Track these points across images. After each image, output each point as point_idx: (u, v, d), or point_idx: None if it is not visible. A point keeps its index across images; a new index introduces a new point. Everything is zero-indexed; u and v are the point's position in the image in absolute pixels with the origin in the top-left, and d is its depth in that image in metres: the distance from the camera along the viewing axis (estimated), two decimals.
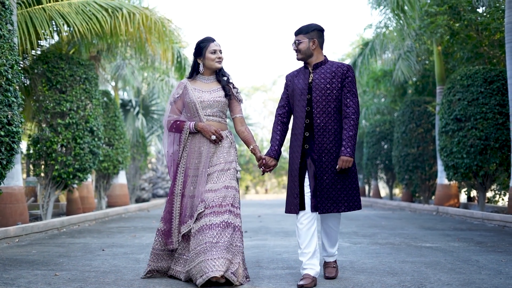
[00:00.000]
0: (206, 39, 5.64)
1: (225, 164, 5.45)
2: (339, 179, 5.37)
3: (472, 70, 13.28)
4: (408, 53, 17.40)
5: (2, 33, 7.33)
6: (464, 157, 12.97)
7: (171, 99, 5.66)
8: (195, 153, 5.48)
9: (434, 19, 14.31)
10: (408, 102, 18.53)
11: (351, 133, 5.32)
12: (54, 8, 11.00)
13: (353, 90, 5.45)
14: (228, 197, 5.30)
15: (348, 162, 5.27)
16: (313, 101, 5.44)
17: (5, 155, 7.42)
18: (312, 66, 5.56)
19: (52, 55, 11.61)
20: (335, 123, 5.40)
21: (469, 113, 12.96)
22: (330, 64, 5.55)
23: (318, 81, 5.47)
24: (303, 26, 5.61)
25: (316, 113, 5.41)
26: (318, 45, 5.55)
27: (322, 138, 5.40)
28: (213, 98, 5.53)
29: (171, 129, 5.59)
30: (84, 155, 11.63)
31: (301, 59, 5.61)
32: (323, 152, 5.37)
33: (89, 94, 11.92)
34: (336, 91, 5.41)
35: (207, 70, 5.62)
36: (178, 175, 5.49)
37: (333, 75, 5.45)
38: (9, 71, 7.39)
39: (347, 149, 5.27)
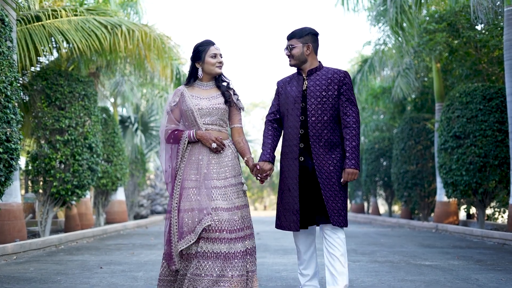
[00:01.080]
0: (205, 42, 5.27)
1: (232, 178, 5.07)
2: (341, 190, 5.08)
3: (471, 87, 13.29)
4: (407, 70, 17.42)
5: (2, 50, 7.34)
6: (464, 174, 12.95)
7: (167, 108, 5.26)
8: (193, 163, 5.09)
9: (433, 36, 14.35)
10: (407, 119, 18.54)
11: (354, 144, 5.04)
12: (53, 25, 11.02)
13: (352, 98, 5.15)
14: (245, 218, 5.03)
15: (354, 174, 5.02)
16: (308, 110, 5.13)
17: (4, 172, 7.40)
18: (307, 73, 5.26)
19: (51, 71, 11.61)
20: (330, 133, 5.11)
21: (468, 130, 12.96)
22: (326, 70, 5.24)
23: (313, 88, 5.17)
24: (296, 29, 5.32)
25: (311, 122, 5.11)
26: (313, 50, 5.27)
27: (318, 149, 5.09)
28: (212, 105, 5.16)
29: (169, 140, 5.19)
30: (82, 171, 11.61)
31: (295, 65, 5.30)
32: (321, 163, 5.08)
33: (88, 110, 11.92)
34: (332, 99, 5.11)
35: (206, 76, 5.26)
36: (175, 189, 5.06)
37: (329, 82, 5.15)
38: (8, 88, 7.39)
39: (351, 161, 5.00)
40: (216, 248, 4.83)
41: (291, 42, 5.27)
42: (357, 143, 5.06)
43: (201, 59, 5.19)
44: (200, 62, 5.21)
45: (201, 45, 5.22)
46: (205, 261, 4.82)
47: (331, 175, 5.06)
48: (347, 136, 5.06)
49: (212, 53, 5.18)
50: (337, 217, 5.04)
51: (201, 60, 5.20)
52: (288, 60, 5.35)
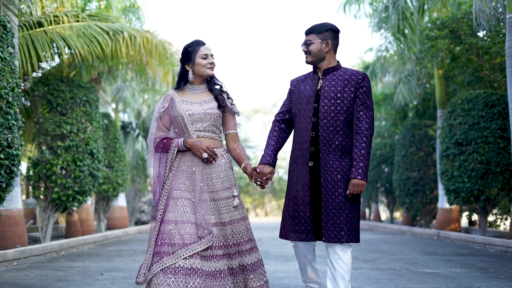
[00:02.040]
0: (195, 42, 4.91)
1: (226, 191, 4.73)
2: (347, 203, 4.70)
3: (473, 94, 13.28)
4: (409, 76, 17.42)
5: (3, 56, 7.33)
6: (465, 181, 12.93)
7: (156, 115, 4.89)
8: (183, 172, 4.74)
9: (435, 43, 14.34)
10: (409, 126, 18.52)
11: (364, 152, 4.66)
12: (55, 31, 11.03)
13: (368, 103, 4.78)
14: (244, 231, 4.71)
15: (360, 186, 4.64)
16: (320, 111, 4.78)
17: (5, 178, 7.38)
18: (322, 72, 4.91)
19: (52, 77, 11.62)
20: (343, 138, 4.74)
21: (470, 137, 12.94)
22: (343, 71, 4.89)
23: (327, 89, 4.82)
24: (315, 24, 4.95)
25: (323, 125, 4.75)
26: (332, 48, 4.90)
27: (327, 154, 4.73)
28: (204, 110, 4.79)
29: (157, 149, 4.84)
30: (83, 177, 11.60)
31: (311, 62, 4.94)
32: (328, 170, 4.71)
33: (89, 116, 11.92)
34: (347, 101, 4.75)
35: (197, 78, 4.89)
36: (161, 199, 4.72)
37: (345, 83, 4.79)
38: (10, 94, 7.38)
39: (358, 171, 4.63)
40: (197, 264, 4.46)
41: (309, 37, 4.93)
42: (366, 152, 4.70)
43: (191, 60, 4.86)
44: (190, 63, 4.87)
45: (191, 46, 4.90)
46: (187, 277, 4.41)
47: (338, 184, 4.71)
48: (356, 143, 4.71)
49: (203, 54, 4.84)
50: (335, 232, 4.66)
51: (191, 62, 4.86)
52: (305, 57, 4.99)
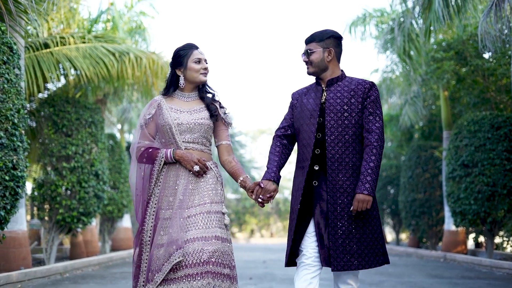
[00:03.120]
0: (187, 45, 4.55)
1: (211, 205, 4.28)
2: (358, 226, 4.30)
3: (479, 115, 13.25)
4: (415, 98, 17.42)
5: (10, 78, 7.34)
6: (472, 203, 12.85)
7: (141, 121, 4.50)
8: (169, 188, 4.35)
9: (441, 64, 14.34)
10: (415, 147, 18.48)
11: (372, 165, 4.27)
12: (61, 52, 11.07)
13: (377, 112, 4.40)
14: (225, 253, 4.16)
15: (366, 202, 4.22)
16: (326, 126, 4.39)
17: (10, 199, 7.36)
18: (326, 83, 4.53)
19: (58, 98, 11.63)
20: (353, 154, 4.37)
21: (476, 159, 12.88)
22: (349, 81, 4.52)
23: (333, 101, 4.44)
24: (316, 32, 4.58)
25: (330, 141, 4.37)
26: (335, 56, 4.53)
27: (336, 174, 4.33)
28: (195, 120, 4.43)
29: (141, 159, 4.44)
30: (88, 199, 11.58)
31: (313, 73, 4.56)
32: (337, 192, 4.31)
33: (94, 137, 11.91)
34: (355, 114, 4.39)
35: (189, 85, 4.52)
36: (147, 218, 4.33)
37: (352, 94, 4.43)
38: (16, 116, 7.37)
39: (365, 185, 4.24)
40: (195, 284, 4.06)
41: (310, 46, 4.56)
42: (375, 165, 4.30)
43: (182, 64, 4.48)
44: (181, 68, 4.49)
45: (183, 49, 4.53)
46: None
47: (348, 207, 4.30)
48: (365, 155, 4.33)
49: (196, 58, 4.48)
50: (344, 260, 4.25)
51: (182, 66, 4.49)
52: (306, 68, 4.62)
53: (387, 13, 18.13)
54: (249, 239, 38.87)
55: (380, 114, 4.44)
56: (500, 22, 9.73)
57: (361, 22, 17.96)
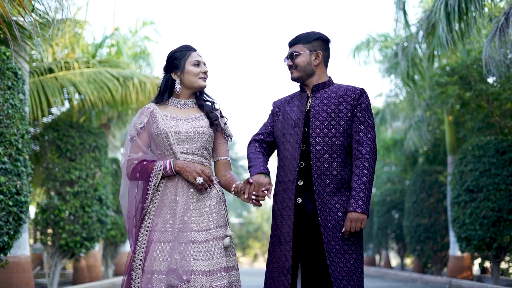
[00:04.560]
0: (184, 47, 4.10)
1: (217, 230, 3.85)
2: (351, 247, 3.92)
3: (484, 140, 13.21)
4: (419, 123, 17.41)
5: (14, 103, 7.34)
6: (477, 228, 12.77)
7: (132, 132, 3.99)
8: (167, 206, 3.86)
9: (445, 89, 14.34)
10: (419, 172, 18.42)
11: (365, 179, 3.88)
12: (66, 77, 11.09)
13: (369, 122, 4.02)
14: (231, 284, 3.82)
15: (359, 221, 3.85)
16: (311, 136, 4.00)
17: (13, 225, 7.32)
18: (311, 89, 4.14)
19: (62, 123, 11.63)
20: (341, 167, 3.97)
21: (482, 184, 12.82)
22: (337, 87, 4.13)
23: (318, 108, 4.04)
24: (302, 33, 4.17)
25: (315, 152, 3.96)
26: (323, 60, 4.15)
27: (323, 188, 3.93)
28: (194, 128, 3.96)
29: (134, 175, 3.91)
30: (92, 223, 11.53)
31: (298, 78, 4.15)
32: (326, 208, 3.92)
33: (98, 162, 11.89)
34: (344, 122, 4.00)
35: (186, 91, 4.07)
36: (140, 240, 3.83)
37: (340, 101, 4.03)
38: (20, 141, 7.36)
39: (358, 202, 3.84)
40: None
41: (295, 48, 4.15)
42: (368, 179, 3.90)
43: (179, 68, 4.02)
44: (178, 71, 4.03)
45: (179, 51, 4.07)
46: None
47: (340, 223, 3.92)
48: (356, 169, 3.93)
49: (194, 60, 4.03)
50: (344, 282, 3.86)
51: (179, 69, 4.02)
52: (290, 72, 4.19)
53: (391, 37, 18.19)
54: (252, 263, 38.71)
55: (372, 124, 4.06)
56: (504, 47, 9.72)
57: (365, 47, 18.03)
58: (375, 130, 4.21)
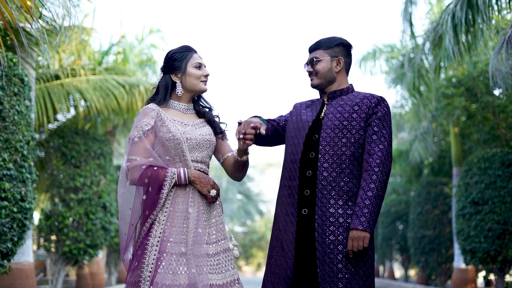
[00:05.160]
0: (185, 48, 3.86)
1: (225, 241, 3.75)
2: (346, 267, 3.66)
3: (490, 153, 13.17)
4: (425, 134, 17.38)
5: (20, 110, 7.34)
6: (482, 241, 12.71)
7: (137, 133, 3.68)
8: (178, 217, 3.63)
9: (451, 100, 14.31)
10: (424, 183, 18.37)
11: (370, 194, 3.62)
12: (72, 84, 11.12)
13: (383, 132, 3.77)
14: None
15: (361, 239, 3.60)
16: (321, 144, 3.78)
17: (17, 231, 7.31)
18: (328, 95, 3.96)
19: (68, 129, 11.65)
20: (350, 179, 3.75)
21: (487, 197, 12.77)
22: (354, 95, 3.92)
23: (331, 116, 3.83)
24: (322, 39, 3.98)
25: (323, 161, 3.75)
26: (344, 67, 3.97)
27: (327, 200, 3.70)
28: (202, 136, 3.77)
29: (142, 180, 3.61)
30: (96, 231, 11.52)
31: (318, 85, 3.97)
32: (327, 221, 3.69)
33: (103, 169, 11.90)
34: (356, 131, 3.78)
35: (186, 94, 3.84)
36: (149, 250, 3.54)
37: (355, 109, 3.82)
38: (25, 147, 7.36)
39: (360, 219, 3.60)
40: None
41: (316, 53, 3.95)
42: (374, 194, 3.63)
43: (180, 69, 3.78)
44: (179, 73, 3.79)
45: (180, 52, 3.83)
46: None
47: (338, 240, 3.69)
48: (363, 182, 3.69)
49: (196, 63, 3.81)
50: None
51: (180, 71, 3.78)
52: (310, 79, 4.00)
53: (397, 48, 18.19)
54: (255, 272, 38.63)
55: (386, 134, 3.79)
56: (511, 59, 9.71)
57: (371, 57, 18.02)
58: (390, 142, 3.83)
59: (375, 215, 3.63)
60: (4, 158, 6.95)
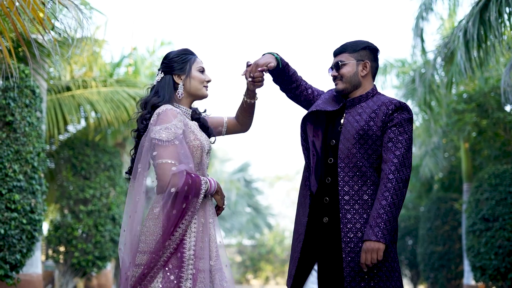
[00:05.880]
0: (188, 51, 3.66)
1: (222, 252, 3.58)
2: (377, 282, 3.51)
3: (500, 169, 13.11)
4: (436, 149, 17.32)
5: (31, 121, 7.36)
6: (492, 258, 12.63)
7: (171, 135, 3.36)
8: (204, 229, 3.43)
9: (462, 116, 14.27)
10: (434, 199, 18.30)
11: (385, 203, 3.45)
12: (83, 95, 11.15)
13: (399, 138, 3.59)
14: None
15: (375, 251, 3.43)
16: (340, 150, 3.64)
17: (26, 243, 7.31)
18: (347, 103, 3.79)
19: (78, 141, 11.68)
20: (373, 191, 3.59)
21: (497, 213, 12.70)
22: (374, 101, 3.73)
23: (351, 120, 3.69)
24: (348, 42, 3.85)
25: (343, 167, 3.61)
26: (370, 71, 3.80)
27: (352, 212, 3.55)
28: (209, 142, 3.62)
29: (183, 189, 3.29)
30: (104, 242, 11.52)
31: (343, 90, 3.79)
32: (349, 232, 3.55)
33: (113, 181, 11.91)
34: (372, 141, 3.62)
35: (187, 98, 3.62)
36: (185, 267, 3.30)
37: (371, 117, 3.64)
38: (35, 159, 7.38)
39: (373, 229, 3.43)
40: None
41: (341, 57, 3.80)
42: (389, 203, 3.46)
43: (184, 71, 3.57)
44: (182, 75, 3.58)
45: (184, 53, 3.63)
46: None
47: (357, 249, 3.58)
48: (378, 192, 3.53)
49: (200, 67, 3.63)
50: None
51: (184, 73, 3.57)
52: (335, 84, 3.86)
53: (408, 63, 18.16)
54: (264, 286, 38.48)
55: (403, 140, 3.61)
56: None
57: (382, 72, 17.99)
58: (408, 149, 3.64)
59: (390, 225, 3.46)
60: (14, 170, 6.97)
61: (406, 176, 3.55)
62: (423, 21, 12.44)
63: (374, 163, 3.62)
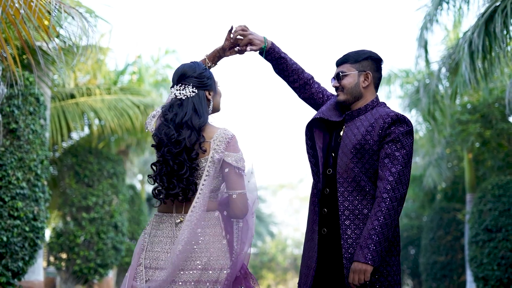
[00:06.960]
0: (203, 66, 3.60)
1: None
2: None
3: (504, 180, 13.08)
4: (439, 160, 17.31)
5: (35, 129, 7.36)
6: (495, 269, 12.60)
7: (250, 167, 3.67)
8: None
9: (466, 126, 14.25)
10: (437, 209, 18.28)
11: (376, 223, 3.37)
12: (87, 103, 11.16)
13: (395, 155, 3.47)
14: None
15: (362, 272, 3.38)
16: (338, 164, 3.58)
17: (28, 250, 7.30)
18: (345, 117, 3.70)
19: (81, 148, 11.69)
20: (372, 204, 3.52)
21: (500, 224, 12.67)
22: (373, 113, 3.64)
23: (349, 135, 3.60)
24: (351, 52, 3.74)
25: (342, 182, 3.55)
26: (372, 82, 3.72)
27: (352, 227, 3.50)
28: None
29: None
30: (106, 250, 11.51)
31: (345, 101, 3.71)
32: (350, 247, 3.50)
33: (115, 189, 11.91)
34: (372, 153, 3.53)
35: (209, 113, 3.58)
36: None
37: (368, 131, 3.55)
38: (39, 166, 7.37)
39: (363, 250, 3.37)
40: None
41: (343, 68, 3.73)
42: (381, 223, 3.38)
43: (212, 87, 3.53)
44: (211, 91, 3.54)
45: (205, 69, 3.56)
46: None
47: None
48: (372, 211, 3.45)
49: (217, 82, 3.63)
50: None
51: (213, 89, 3.54)
52: (336, 94, 3.79)
53: (412, 73, 18.17)
54: None
55: (400, 157, 3.49)
56: None
57: (386, 82, 17.99)
58: (406, 165, 3.51)
59: (380, 246, 3.39)
60: (17, 177, 6.96)
61: (402, 194, 3.46)
62: (427, 32, 12.43)
63: (372, 177, 3.55)
